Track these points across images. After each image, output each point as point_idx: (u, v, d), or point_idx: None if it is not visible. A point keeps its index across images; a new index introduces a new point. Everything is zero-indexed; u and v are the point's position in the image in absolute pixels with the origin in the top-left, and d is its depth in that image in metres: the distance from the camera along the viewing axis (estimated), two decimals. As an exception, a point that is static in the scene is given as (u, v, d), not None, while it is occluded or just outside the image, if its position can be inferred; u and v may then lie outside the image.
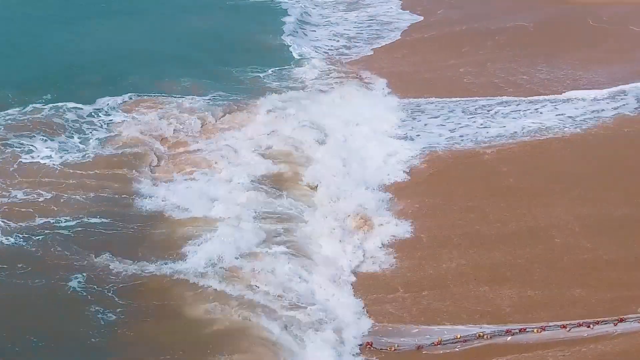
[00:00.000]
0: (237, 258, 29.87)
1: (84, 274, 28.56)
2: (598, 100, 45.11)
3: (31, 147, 37.87)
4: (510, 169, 37.14)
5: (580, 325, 26.23)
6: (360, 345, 26.19)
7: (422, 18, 64.40)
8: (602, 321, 26.16)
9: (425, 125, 42.94)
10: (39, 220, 31.83)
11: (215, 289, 27.99)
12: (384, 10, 67.70)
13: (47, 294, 27.72)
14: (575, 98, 45.57)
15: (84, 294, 27.71)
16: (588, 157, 38.18)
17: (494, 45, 55.83)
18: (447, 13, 65.10)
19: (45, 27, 57.77)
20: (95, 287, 28.06)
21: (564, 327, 26.28)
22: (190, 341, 25.82)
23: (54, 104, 42.62)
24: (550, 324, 26.39)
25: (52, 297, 27.69)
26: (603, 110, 43.66)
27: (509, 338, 26.11)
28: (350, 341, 26.34)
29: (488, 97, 46.40)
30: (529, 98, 46.01)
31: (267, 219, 32.86)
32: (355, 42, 59.01)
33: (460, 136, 41.16)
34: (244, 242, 30.67)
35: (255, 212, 33.07)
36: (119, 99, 44.30)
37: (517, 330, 26.22)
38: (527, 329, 26.24)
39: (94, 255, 29.62)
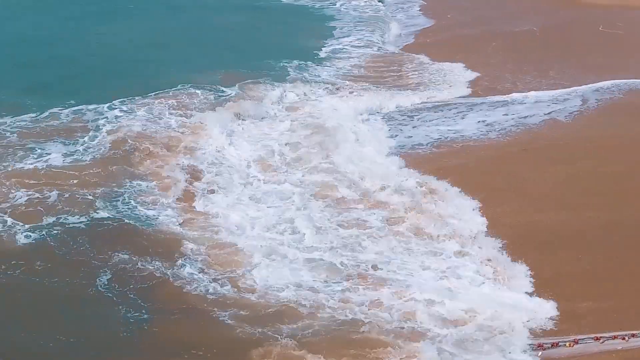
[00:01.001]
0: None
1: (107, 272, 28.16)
2: (540, 102, 44.32)
3: (44, 150, 37.28)
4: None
5: (615, 337, 25.41)
6: None
7: (433, 22, 63.95)
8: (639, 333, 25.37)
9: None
10: (50, 219, 31.34)
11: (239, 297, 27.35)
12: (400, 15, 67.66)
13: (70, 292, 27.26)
14: (515, 101, 44.70)
15: (108, 293, 27.13)
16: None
17: (492, 51, 55.09)
18: (457, 17, 64.48)
19: (68, 27, 57.97)
20: (117, 285, 27.48)
21: (598, 339, 25.43)
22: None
23: (71, 107, 41.98)
24: (584, 336, 25.51)
25: (74, 294, 27.16)
26: (533, 115, 42.54)
27: (540, 353, 25.16)
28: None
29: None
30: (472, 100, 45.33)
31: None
32: (367, 47, 58.08)
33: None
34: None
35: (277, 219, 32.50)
36: (138, 98, 43.81)
37: (550, 345, 25.30)
38: (560, 343, 25.33)
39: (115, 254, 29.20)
